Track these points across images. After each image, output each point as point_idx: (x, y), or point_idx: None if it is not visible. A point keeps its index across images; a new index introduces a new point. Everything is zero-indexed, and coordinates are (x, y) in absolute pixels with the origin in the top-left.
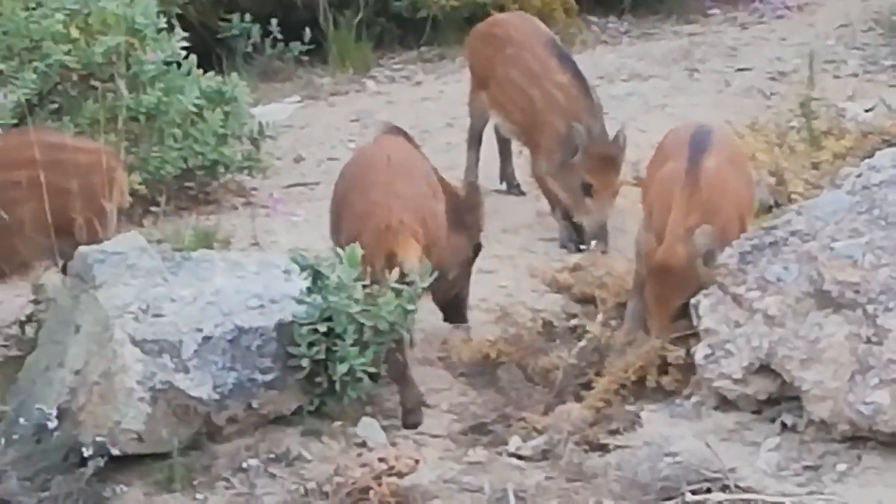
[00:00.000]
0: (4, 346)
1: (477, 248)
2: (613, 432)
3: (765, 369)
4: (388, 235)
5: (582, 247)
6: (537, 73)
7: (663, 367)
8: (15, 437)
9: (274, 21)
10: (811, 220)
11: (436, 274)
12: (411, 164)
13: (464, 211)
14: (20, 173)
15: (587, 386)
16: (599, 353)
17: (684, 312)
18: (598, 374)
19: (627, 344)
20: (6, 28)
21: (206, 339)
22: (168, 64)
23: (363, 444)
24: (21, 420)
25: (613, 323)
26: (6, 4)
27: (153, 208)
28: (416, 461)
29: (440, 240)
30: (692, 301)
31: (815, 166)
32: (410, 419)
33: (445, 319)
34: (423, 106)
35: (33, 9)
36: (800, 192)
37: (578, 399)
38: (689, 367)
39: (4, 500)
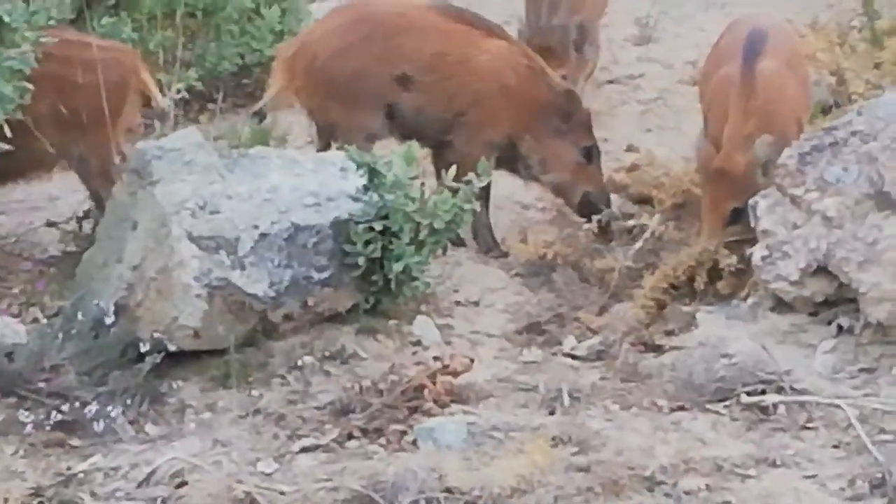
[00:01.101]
0: (62, 242)
1: (589, 150)
2: (669, 333)
3: (822, 271)
4: None
5: None
6: None
7: (714, 271)
8: (73, 332)
9: None
10: (872, 120)
11: (487, 179)
12: None
13: (564, 116)
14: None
15: (642, 287)
16: (655, 254)
17: (737, 219)
18: (653, 274)
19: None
20: None
21: (263, 236)
22: None
23: (418, 343)
24: (79, 315)
25: (670, 223)
26: None
27: (210, 105)
28: (471, 360)
29: None
30: (750, 202)
31: (877, 66)
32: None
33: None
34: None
35: None
36: (860, 93)
37: (633, 300)
38: (740, 273)
39: (62, 394)
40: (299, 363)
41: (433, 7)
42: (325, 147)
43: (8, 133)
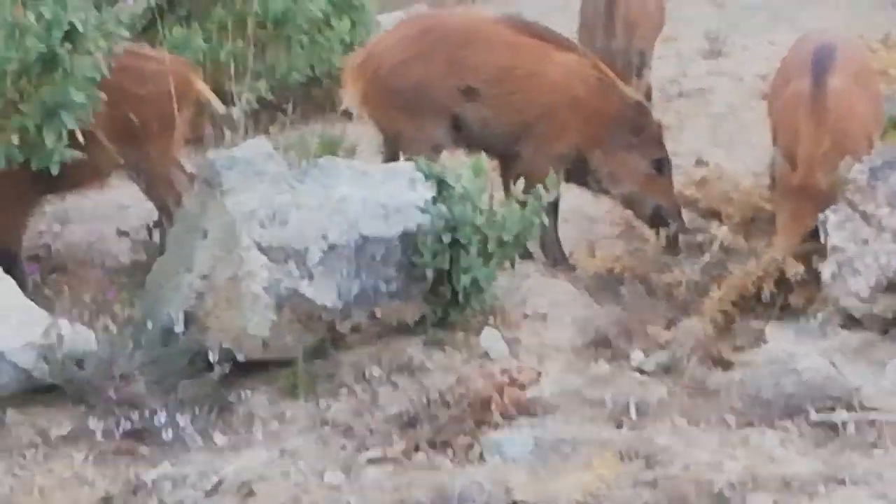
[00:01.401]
0: (132, 250)
1: (660, 163)
2: (737, 348)
3: (892, 287)
4: None
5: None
6: None
7: (781, 283)
8: (142, 340)
9: None
10: None
11: (556, 192)
12: None
13: (631, 129)
14: None
15: (710, 299)
16: (723, 267)
17: (812, 236)
18: (719, 287)
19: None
20: None
21: (332, 247)
22: None
23: (485, 355)
24: (148, 324)
25: (739, 238)
26: None
27: (280, 115)
28: (538, 373)
29: None
30: (820, 217)
31: None
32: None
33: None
34: (550, 18)
35: None
36: None
37: (701, 314)
38: (808, 284)
39: (132, 402)
40: (367, 374)
41: (501, 20)
42: (391, 157)
43: (81, 139)
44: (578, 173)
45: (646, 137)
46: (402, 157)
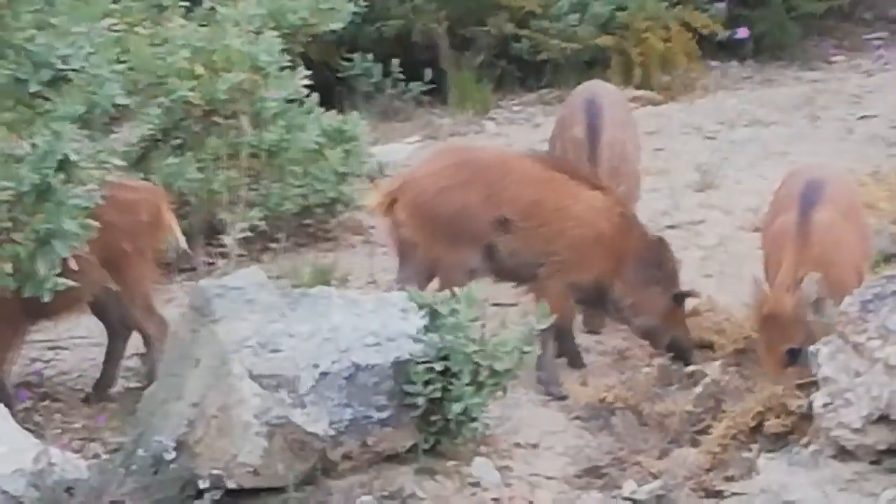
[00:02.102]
0: (124, 377)
1: (679, 297)
2: (729, 479)
3: (884, 419)
4: None
5: None
6: None
7: (782, 414)
8: (133, 467)
9: (395, 61)
10: None
11: (552, 318)
12: None
13: (655, 264)
14: None
15: (703, 432)
16: (716, 399)
17: (796, 361)
18: (714, 419)
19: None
20: (132, 64)
21: (323, 375)
22: (290, 102)
23: (477, 484)
24: (140, 451)
25: (731, 369)
26: (132, 40)
27: (272, 244)
28: (530, 503)
29: None
30: (811, 349)
31: None
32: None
33: (672, 358)
34: (542, 148)
35: (159, 45)
36: None
37: (694, 445)
38: (805, 415)
39: None
40: (358, 503)
41: (531, 155)
42: (424, 281)
43: (74, 267)
44: (598, 301)
45: (667, 272)
46: (436, 284)
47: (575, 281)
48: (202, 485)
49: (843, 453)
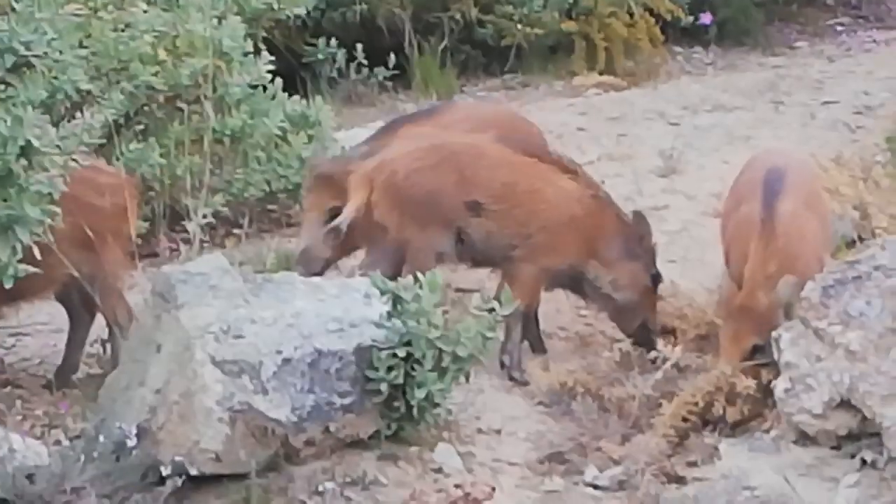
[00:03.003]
0: (86, 364)
1: (656, 278)
2: (691, 464)
3: (845, 405)
4: None
5: None
6: None
7: (732, 397)
8: (94, 454)
9: (359, 46)
10: (895, 254)
11: (517, 303)
12: None
13: (634, 240)
14: None
15: (662, 415)
16: (675, 383)
17: (754, 355)
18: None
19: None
20: (95, 49)
21: (286, 361)
22: (254, 87)
23: (440, 470)
24: (101, 438)
25: (692, 354)
26: (95, 25)
27: (236, 230)
28: (493, 488)
29: None
30: (773, 334)
31: None
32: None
33: (634, 344)
34: None
35: (122, 30)
36: (884, 227)
37: (654, 429)
38: (757, 399)
39: None
40: (320, 489)
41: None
42: (395, 266)
43: (38, 255)
44: (574, 284)
45: (647, 247)
46: (405, 271)
47: (548, 264)
48: (164, 471)
49: (805, 438)
